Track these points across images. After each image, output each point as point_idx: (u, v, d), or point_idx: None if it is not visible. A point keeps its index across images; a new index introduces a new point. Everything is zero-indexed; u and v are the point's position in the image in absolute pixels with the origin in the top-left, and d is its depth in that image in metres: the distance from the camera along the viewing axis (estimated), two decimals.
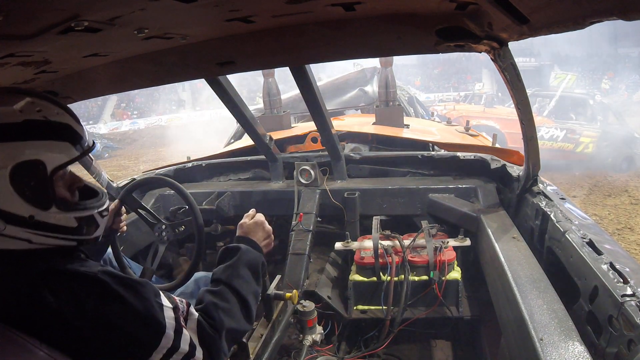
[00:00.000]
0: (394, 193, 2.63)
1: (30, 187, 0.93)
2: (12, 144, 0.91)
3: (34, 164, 0.93)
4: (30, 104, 0.96)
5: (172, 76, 1.81)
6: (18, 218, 0.93)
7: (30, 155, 0.92)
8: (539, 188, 2.13)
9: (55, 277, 0.95)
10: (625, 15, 0.78)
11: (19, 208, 0.93)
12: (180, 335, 1.03)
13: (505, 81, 1.63)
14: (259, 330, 1.73)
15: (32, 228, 0.95)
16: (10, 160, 0.90)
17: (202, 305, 1.16)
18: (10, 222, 0.92)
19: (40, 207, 0.95)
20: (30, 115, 0.95)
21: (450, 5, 1.13)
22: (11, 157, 0.91)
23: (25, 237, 0.94)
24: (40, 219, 0.95)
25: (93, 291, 0.96)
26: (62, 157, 0.98)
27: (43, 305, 0.92)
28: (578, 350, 1.19)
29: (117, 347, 0.98)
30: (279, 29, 1.35)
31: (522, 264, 1.68)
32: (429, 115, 7.19)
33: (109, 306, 0.96)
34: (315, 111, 2.44)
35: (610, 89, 20.50)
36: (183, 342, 1.03)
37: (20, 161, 0.91)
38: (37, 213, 0.95)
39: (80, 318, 0.93)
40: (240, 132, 4.47)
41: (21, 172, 0.92)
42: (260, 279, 1.36)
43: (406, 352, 2.30)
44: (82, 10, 0.93)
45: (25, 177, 0.92)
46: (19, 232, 0.93)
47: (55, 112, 0.99)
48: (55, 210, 0.98)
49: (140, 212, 1.96)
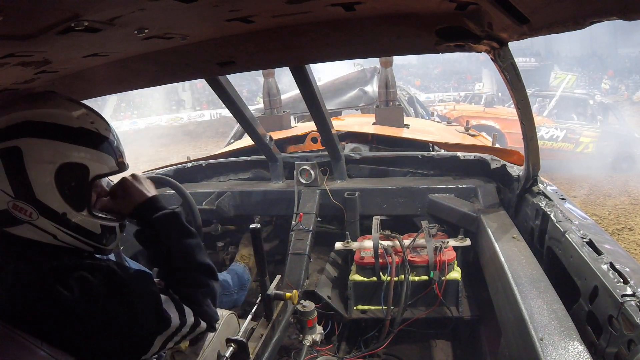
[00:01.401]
0: (394, 193, 2.63)
1: (70, 187, 1.01)
2: (66, 144, 0.99)
3: (79, 167, 1.01)
4: (85, 115, 1.07)
5: (172, 76, 1.81)
6: (52, 212, 0.99)
7: (78, 159, 1.01)
8: (539, 188, 2.13)
9: (66, 271, 0.98)
10: (625, 15, 0.78)
11: (56, 203, 1.00)
12: (183, 310, 1.10)
13: (505, 81, 1.63)
14: (259, 330, 1.73)
15: (61, 225, 1.01)
16: (60, 158, 0.98)
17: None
18: (44, 214, 0.99)
19: (74, 207, 1.03)
20: (85, 124, 1.05)
21: (450, 5, 1.13)
22: (62, 155, 0.99)
23: (52, 232, 1.01)
24: (71, 218, 1.02)
25: (103, 280, 1.00)
26: (104, 168, 1.07)
27: (55, 298, 0.94)
28: (578, 350, 1.19)
29: (127, 333, 1.02)
30: (279, 29, 1.35)
31: (522, 264, 1.68)
32: (429, 115, 7.20)
33: (120, 293, 1.01)
34: (315, 111, 2.44)
35: (610, 89, 20.49)
36: (188, 315, 1.11)
37: (68, 161, 1.00)
38: (70, 212, 1.02)
39: (93, 304, 0.97)
40: (240, 132, 4.48)
41: (66, 172, 1.00)
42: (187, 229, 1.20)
43: (406, 352, 2.30)
44: (82, 10, 0.93)
45: (69, 177, 1.00)
46: (49, 226, 1.00)
47: (104, 128, 1.09)
48: (86, 213, 1.05)
49: None
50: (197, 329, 1.14)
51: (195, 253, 1.20)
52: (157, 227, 1.17)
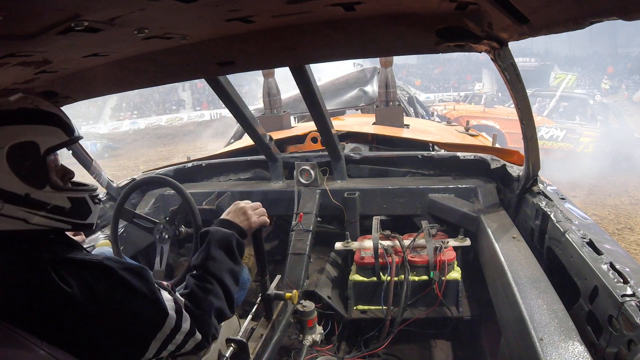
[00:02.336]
0: (394, 193, 2.63)
1: (25, 166, 1.02)
2: (9, 127, 1.01)
3: (28, 145, 1.02)
4: (23, 98, 1.08)
5: (172, 76, 1.81)
6: (15, 196, 1.00)
7: (24, 137, 1.02)
8: (539, 188, 2.13)
9: (63, 265, 0.99)
10: (625, 15, 0.78)
11: (16, 186, 1.00)
12: (182, 315, 1.11)
13: (505, 81, 1.63)
14: (259, 330, 1.73)
15: (27, 207, 1.02)
16: (7, 141, 1.00)
17: (188, 290, 1.21)
18: (8, 201, 1.00)
19: (34, 185, 1.03)
20: (24, 104, 1.06)
21: (450, 5, 1.13)
22: (8, 138, 1.00)
23: (21, 217, 1.01)
24: (35, 197, 1.03)
25: (101, 277, 1.00)
26: (53, 140, 1.07)
27: (56, 292, 0.95)
28: (578, 350, 1.19)
29: (126, 330, 1.02)
30: (279, 29, 1.35)
31: (522, 264, 1.68)
32: (429, 115, 7.20)
33: (118, 290, 1.01)
34: (315, 111, 2.44)
35: (610, 89, 20.50)
36: (184, 321, 1.11)
37: (16, 142, 1.00)
38: (32, 191, 1.03)
39: (92, 302, 0.97)
40: (240, 132, 4.48)
41: (17, 152, 1.01)
42: (235, 255, 1.35)
43: (406, 352, 2.30)
44: (82, 10, 0.93)
45: (21, 157, 1.01)
46: (16, 211, 1.00)
47: (45, 104, 1.10)
48: (49, 189, 1.06)
49: (135, 221, 1.98)
50: (190, 339, 1.13)
51: (228, 273, 1.29)
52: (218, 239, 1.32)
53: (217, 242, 1.33)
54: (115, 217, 1.99)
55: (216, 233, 1.36)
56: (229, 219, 1.43)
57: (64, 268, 0.98)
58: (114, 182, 2.80)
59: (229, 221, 1.43)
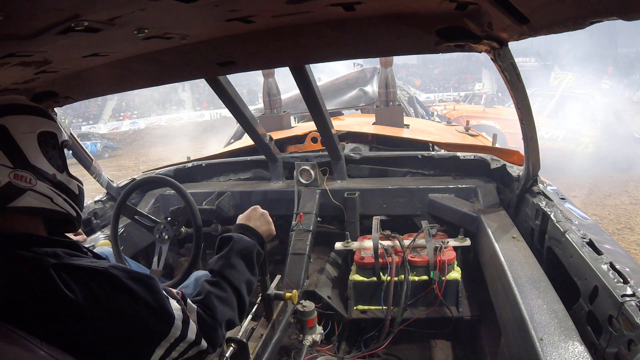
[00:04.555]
0: (394, 193, 2.63)
1: (50, 150, 1.14)
2: (36, 117, 1.13)
3: (51, 134, 1.15)
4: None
5: (172, 76, 1.82)
6: (45, 174, 1.10)
7: (48, 127, 1.15)
8: (539, 188, 2.13)
9: (67, 270, 0.99)
10: (625, 15, 0.78)
11: (45, 165, 1.11)
12: (188, 325, 1.11)
13: (505, 81, 1.63)
14: (259, 330, 1.73)
15: (54, 186, 1.11)
16: (37, 127, 1.12)
17: (202, 297, 1.22)
18: (40, 178, 1.09)
19: (57, 168, 1.14)
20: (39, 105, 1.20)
21: (450, 5, 1.13)
22: (37, 125, 1.12)
23: (49, 195, 1.10)
24: (60, 179, 1.14)
25: (105, 284, 1.01)
26: (64, 136, 1.21)
27: (58, 296, 0.95)
28: (578, 350, 1.19)
29: (129, 337, 1.02)
30: (279, 29, 1.35)
31: (522, 264, 1.68)
32: (429, 115, 7.21)
33: (122, 298, 1.02)
34: (315, 111, 2.44)
35: (610, 89, 20.49)
36: (190, 332, 1.11)
37: (43, 130, 1.13)
38: (56, 173, 1.13)
39: (95, 309, 0.98)
40: (240, 132, 4.48)
41: (44, 138, 1.13)
42: (254, 266, 1.37)
43: (406, 352, 2.30)
44: (82, 10, 0.93)
45: (47, 143, 1.13)
46: (46, 189, 1.09)
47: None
48: (66, 174, 1.17)
49: (136, 218, 1.97)
50: (194, 347, 1.13)
51: (245, 284, 1.31)
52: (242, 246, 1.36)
53: (239, 251, 1.34)
54: (116, 215, 1.98)
55: (239, 241, 1.36)
56: (251, 226, 1.44)
57: (67, 273, 0.98)
58: (114, 182, 2.80)
59: (250, 228, 1.44)
